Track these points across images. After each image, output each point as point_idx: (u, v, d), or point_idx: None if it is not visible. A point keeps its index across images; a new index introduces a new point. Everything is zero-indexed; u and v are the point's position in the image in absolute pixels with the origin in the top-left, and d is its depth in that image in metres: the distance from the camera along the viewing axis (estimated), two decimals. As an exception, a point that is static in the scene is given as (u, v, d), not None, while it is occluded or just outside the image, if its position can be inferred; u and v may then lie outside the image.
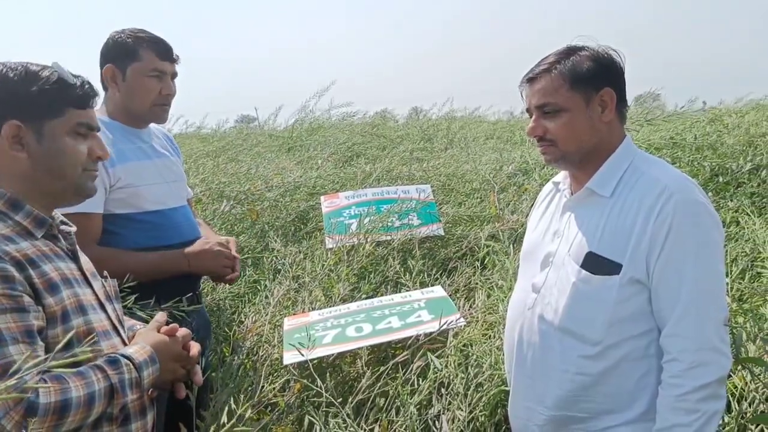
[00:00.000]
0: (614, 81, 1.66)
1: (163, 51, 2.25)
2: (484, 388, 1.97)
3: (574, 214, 1.70)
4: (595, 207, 1.64)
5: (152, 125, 2.39)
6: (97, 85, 1.59)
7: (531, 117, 1.69)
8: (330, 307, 2.62)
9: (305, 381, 2.10)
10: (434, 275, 2.89)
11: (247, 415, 1.97)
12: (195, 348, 1.62)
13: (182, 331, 1.61)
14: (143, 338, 1.52)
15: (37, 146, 1.42)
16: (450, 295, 2.55)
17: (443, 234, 3.37)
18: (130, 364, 1.40)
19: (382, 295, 2.80)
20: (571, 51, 1.66)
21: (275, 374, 2.30)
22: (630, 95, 1.74)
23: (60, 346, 1.13)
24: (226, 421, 1.78)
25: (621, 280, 1.55)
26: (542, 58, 1.67)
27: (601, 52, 1.66)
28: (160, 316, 1.64)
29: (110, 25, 2.33)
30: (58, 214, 1.55)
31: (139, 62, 2.22)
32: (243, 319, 2.70)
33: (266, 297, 2.79)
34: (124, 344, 1.52)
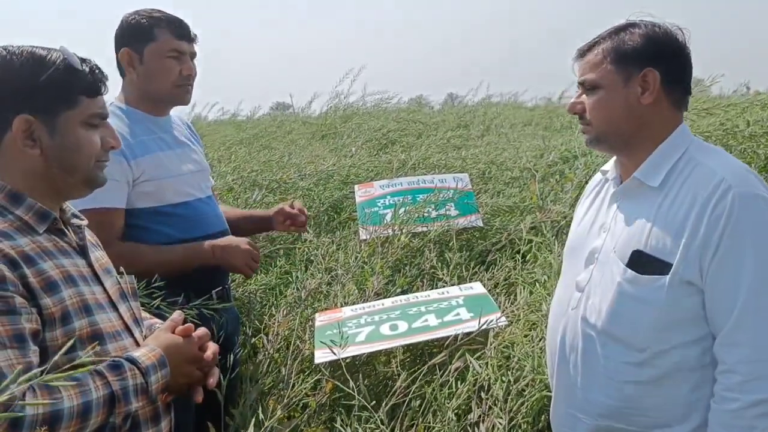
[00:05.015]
0: (664, 61, 1.51)
1: (179, 30, 2.16)
2: (526, 393, 1.85)
3: (621, 207, 1.57)
4: (643, 199, 1.51)
5: (172, 114, 2.31)
6: (112, 72, 1.52)
7: None
8: (363, 302, 2.52)
9: (337, 382, 2.01)
10: (472, 269, 2.77)
11: (277, 415, 1.89)
12: (212, 349, 1.51)
13: (199, 332, 1.50)
14: (154, 340, 1.42)
15: (50, 141, 1.32)
16: (489, 291, 2.44)
17: (482, 225, 3.24)
18: (135, 369, 1.29)
19: (417, 289, 2.70)
20: (625, 26, 1.54)
21: (306, 372, 2.21)
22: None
23: (62, 351, 1.02)
24: (262, 419, 1.69)
25: (671, 281, 1.42)
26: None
27: (658, 30, 1.52)
28: (177, 314, 1.54)
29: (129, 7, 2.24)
30: (68, 206, 1.46)
31: (155, 42, 2.12)
32: (273, 312, 2.63)
33: (297, 290, 2.71)
34: (138, 345, 1.42)
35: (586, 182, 3.40)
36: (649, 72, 1.49)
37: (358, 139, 5.12)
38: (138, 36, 2.12)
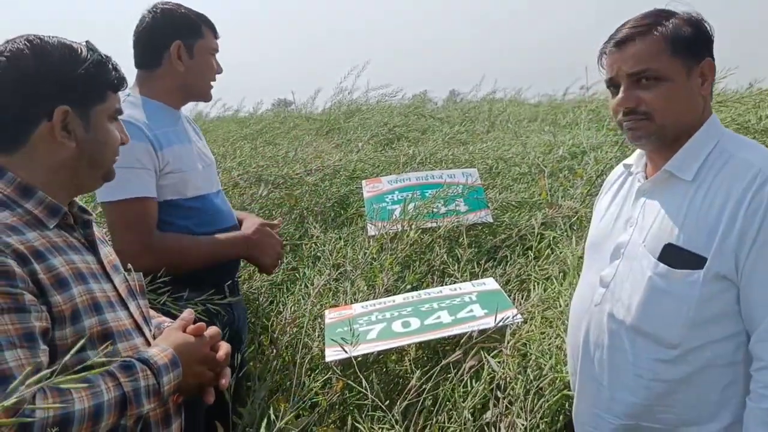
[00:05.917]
0: (711, 51, 1.48)
1: (215, 29, 2.19)
2: (545, 392, 1.80)
3: (650, 200, 1.52)
4: (674, 192, 1.46)
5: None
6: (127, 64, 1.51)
7: (616, 88, 1.50)
8: (373, 298, 2.47)
9: (348, 380, 1.96)
10: (483, 265, 2.71)
11: (287, 415, 1.84)
12: (224, 349, 1.48)
13: (210, 331, 1.47)
14: (165, 339, 1.38)
15: (84, 134, 1.31)
16: (501, 287, 2.38)
17: (492, 221, 3.19)
18: (147, 370, 1.26)
19: (427, 285, 2.65)
20: (667, 14, 1.47)
21: (316, 370, 2.16)
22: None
23: (71, 353, 0.98)
24: (273, 419, 1.65)
25: (705, 275, 1.37)
26: (627, 22, 1.49)
27: (698, 18, 1.47)
28: (187, 313, 1.50)
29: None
30: (75, 200, 1.41)
31: (204, 40, 2.14)
32: (281, 309, 2.58)
33: (306, 286, 2.66)
34: (149, 344, 1.38)
35: (597, 177, 3.37)
36: (707, 62, 1.46)
37: (364, 135, 5.06)
38: (190, 31, 2.12)
